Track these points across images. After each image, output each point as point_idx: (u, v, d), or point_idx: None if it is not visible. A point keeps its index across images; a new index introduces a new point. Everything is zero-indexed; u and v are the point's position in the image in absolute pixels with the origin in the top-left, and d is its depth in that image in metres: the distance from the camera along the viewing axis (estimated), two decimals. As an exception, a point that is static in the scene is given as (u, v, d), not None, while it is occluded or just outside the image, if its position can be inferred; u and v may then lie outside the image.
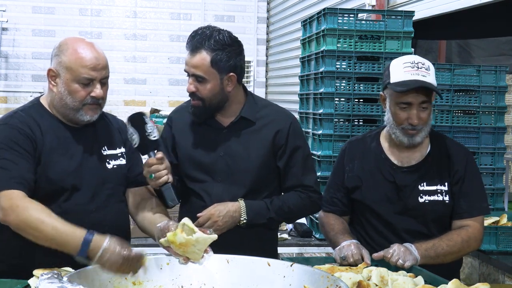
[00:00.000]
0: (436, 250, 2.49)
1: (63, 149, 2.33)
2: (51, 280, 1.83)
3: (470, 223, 2.61)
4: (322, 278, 1.92)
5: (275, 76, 9.60)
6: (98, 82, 2.32)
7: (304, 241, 3.98)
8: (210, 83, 2.48)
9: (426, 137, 2.66)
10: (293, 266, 2.04)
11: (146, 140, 2.30)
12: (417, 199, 2.62)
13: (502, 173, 4.28)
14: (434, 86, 2.59)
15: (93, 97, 2.32)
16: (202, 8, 9.82)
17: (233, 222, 2.50)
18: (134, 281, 2.07)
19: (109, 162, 2.43)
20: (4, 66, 9.46)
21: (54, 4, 9.51)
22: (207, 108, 2.52)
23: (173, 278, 2.11)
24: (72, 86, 2.30)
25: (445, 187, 2.63)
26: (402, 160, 2.68)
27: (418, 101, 2.56)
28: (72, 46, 2.32)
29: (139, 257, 2.06)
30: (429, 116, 2.61)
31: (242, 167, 2.56)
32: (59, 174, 2.29)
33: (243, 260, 2.13)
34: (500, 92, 4.15)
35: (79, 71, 2.28)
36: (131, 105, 9.71)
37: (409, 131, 2.60)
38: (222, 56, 2.45)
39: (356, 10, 4.31)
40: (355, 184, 2.74)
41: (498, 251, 3.47)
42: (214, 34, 2.47)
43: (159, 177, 2.30)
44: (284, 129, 2.59)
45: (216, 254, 2.16)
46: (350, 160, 2.79)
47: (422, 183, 2.64)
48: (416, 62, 2.60)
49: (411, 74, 2.57)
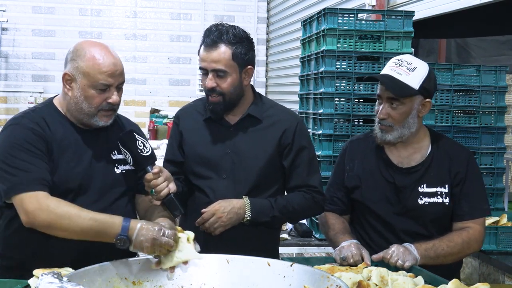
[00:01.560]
0: (436, 250, 2.49)
1: (72, 151, 2.32)
2: (51, 280, 1.82)
3: (471, 225, 2.60)
4: (322, 278, 1.92)
5: (275, 76, 9.61)
6: (115, 88, 2.30)
7: (304, 241, 3.97)
8: (231, 77, 2.50)
9: (408, 139, 2.63)
10: (293, 266, 2.04)
11: (139, 157, 2.29)
12: (417, 201, 2.62)
13: (502, 173, 4.27)
14: (392, 82, 2.55)
15: (109, 103, 2.30)
16: (202, 8, 9.83)
17: (237, 218, 2.50)
18: (134, 281, 2.07)
19: (118, 167, 2.41)
20: (4, 66, 9.47)
21: (54, 4, 9.52)
22: (227, 103, 2.53)
23: (173, 278, 2.11)
24: (89, 92, 2.27)
25: (445, 189, 2.62)
26: (402, 161, 2.67)
27: (385, 95, 2.58)
28: (89, 51, 2.28)
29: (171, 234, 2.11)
30: (402, 116, 2.58)
31: (248, 164, 2.57)
32: (65, 175, 2.28)
33: (243, 260, 2.13)
34: (500, 92, 4.15)
35: (97, 77, 2.25)
36: (131, 105, 9.72)
37: (380, 125, 2.62)
38: (242, 50, 2.50)
39: (356, 10, 4.31)
40: (355, 183, 2.74)
41: (498, 251, 3.46)
42: (230, 29, 2.51)
43: (159, 191, 2.29)
44: (291, 128, 2.60)
45: (216, 254, 2.16)
46: (351, 159, 2.78)
47: (422, 185, 2.63)
48: (402, 60, 2.60)
49: (390, 69, 2.60)
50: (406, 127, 2.60)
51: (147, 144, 2.32)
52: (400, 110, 2.57)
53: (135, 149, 2.28)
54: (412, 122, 2.60)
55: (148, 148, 2.31)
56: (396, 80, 2.55)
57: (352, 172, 2.76)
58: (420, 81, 2.57)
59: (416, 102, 2.59)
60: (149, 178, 2.28)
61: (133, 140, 2.29)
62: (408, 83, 2.55)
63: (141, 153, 2.29)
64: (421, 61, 2.65)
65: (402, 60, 2.61)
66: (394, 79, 2.56)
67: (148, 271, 2.11)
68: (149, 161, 2.30)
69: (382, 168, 2.69)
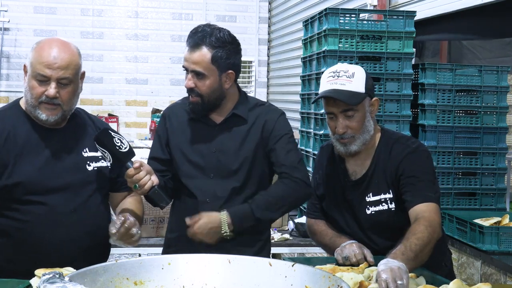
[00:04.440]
0: (411, 249, 2.28)
1: (35, 151, 2.33)
2: (52, 280, 1.83)
3: (424, 208, 2.44)
4: (324, 278, 1.92)
5: (277, 76, 9.61)
6: (54, 82, 2.28)
7: (305, 241, 3.98)
8: (209, 80, 2.50)
9: (367, 144, 2.59)
10: (294, 266, 2.04)
11: (118, 154, 2.29)
12: (365, 211, 2.59)
13: (504, 173, 4.28)
14: (342, 94, 2.50)
15: (46, 95, 2.28)
16: (203, 8, 9.83)
17: (218, 235, 2.48)
18: (135, 281, 2.07)
19: (90, 164, 2.42)
20: (6, 66, 9.48)
21: (56, 4, 9.52)
22: (205, 105, 2.55)
23: (175, 278, 2.11)
24: (31, 82, 2.30)
25: (389, 195, 2.57)
26: (356, 170, 2.65)
27: (339, 110, 2.53)
28: (42, 43, 2.33)
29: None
30: (360, 123, 2.55)
31: (234, 163, 2.57)
32: (31, 175, 2.29)
33: (245, 260, 2.13)
34: (502, 92, 4.15)
35: (36, 67, 2.28)
36: (133, 105, 9.72)
37: (340, 140, 2.57)
38: (222, 54, 2.49)
39: (358, 10, 4.31)
40: (320, 192, 2.74)
41: (499, 251, 3.46)
42: (214, 31, 2.51)
43: (143, 185, 2.30)
44: (271, 119, 2.61)
45: (218, 254, 2.16)
46: (319, 167, 2.79)
47: (368, 194, 2.60)
48: (338, 71, 2.56)
49: (330, 83, 2.55)
50: (366, 132, 2.57)
51: (124, 140, 2.33)
52: (357, 118, 2.55)
53: (113, 147, 2.29)
54: (369, 125, 2.58)
55: (125, 144, 2.32)
56: (343, 91, 2.52)
57: (319, 180, 2.76)
58: (363, 83, 2.55)
59: (366, 105, 2.57)
60: (131, 174, 2.29)
61: (110, 138, 2.30)
62: (354, 90, 2.53)
63: (119, 149, 2.29)
64: (353, 65, 2.66)
65: (337, 71, 2.57)
66: (341, 90, 2.52)
67: (150, 271, 2.11)
68: (129, 157, 2.32)
69: (339, 178, 2.67)
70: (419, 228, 2.35)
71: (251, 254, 2.19)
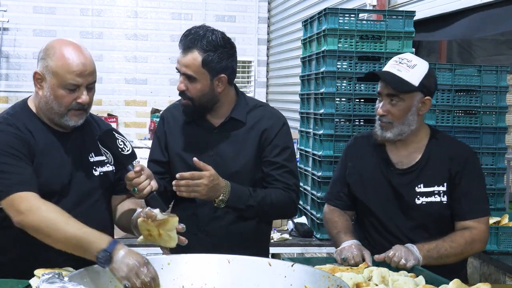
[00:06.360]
0: (439, 251, 2.48)
1: (51, 154, 2.31)
2: (52, 280, 1.83)
3: (474, 225, 2.58)
4: (323, 278, 1.92)
5: (276, 76, 9.60)
6: (84, 88, 2.28)
7: (305, 241, 3.98)
8: (200, 83, 2.49)
9: (408, 137, 2.63)
10: (294, 266, 2.04)
11: (120, 156, 2.27)
12: (414, 201, 2.61)
13: (503, 173, 4.27)
14: (391, 77, 2.56)
15: (78, 103, 2.28)
16: (203, 8, 9.82)
17: (213, 195, 2.46)
18: (135, 281, 2.07)
19: (96, 169, 2.41)
20: (5, 66, 9.47)
21: (55, 4, 9.51)
22: (197, 108, 2.54)
23: (174, 278, 2.11)
24: (58, 92, 2.25)
25: (443, 187, 2.61)
26: (402, 160, 2.67)
27: (385, 92, 2.59)
28: (60, 50, 2.26)
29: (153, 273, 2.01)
30: (401, 113, 2.57)
31: (232, 167, 2.56)
32: (48, 178, 2.27)
33: (244, 260, 2.13)
34: (501, 92, 4.15)
35: (66, 77, 2.24)
36: (132, 105, 9.72)
37: (380, 122, 2.62)
38: (214, 57, 2.46)
39: (357, 10, 4.30)
40: (355, 180, 2.74)
41: (499, 251, 3.46)
42: (207, 34, 2.48)
43: (142, 189, 2.28)
44: (274, 127, 2.60)
45: (217, 254, 2.17)
46: (354, 156, 2.79)
47: (419, 185, 2.62)
48: (403, 58, 2.62)
49: (390, 66, 2.61)
50: (405, 124, 2.60)
51: (127, 143, 2.31)
52: (400, 107, 2.57)
53: (116, 148, 2.27)
54: (412, 120, 2.60)
55: (128, 146, 2.30)
56: (395, 76, 2.56)
57: (354, 169, 2.76)
58: (419, 78, 2.57)
59: (415, 99, 2.59)
60: (131, 177, 2.27)
61: (113, 139, 2.28)
62: (407, 79, 2.56)
63: (122, 151, 2.27)
64: (421, 59, 2.66)
65: (402, 58, 2.63)
66: (394, 75, 2.57)
67: (149, 271, 2.11)
68: (130, 160, 2.30)
69: (382, 167, 2.68)
70: (460, 240, 2.54)
71: (250, 254, 2.18)
